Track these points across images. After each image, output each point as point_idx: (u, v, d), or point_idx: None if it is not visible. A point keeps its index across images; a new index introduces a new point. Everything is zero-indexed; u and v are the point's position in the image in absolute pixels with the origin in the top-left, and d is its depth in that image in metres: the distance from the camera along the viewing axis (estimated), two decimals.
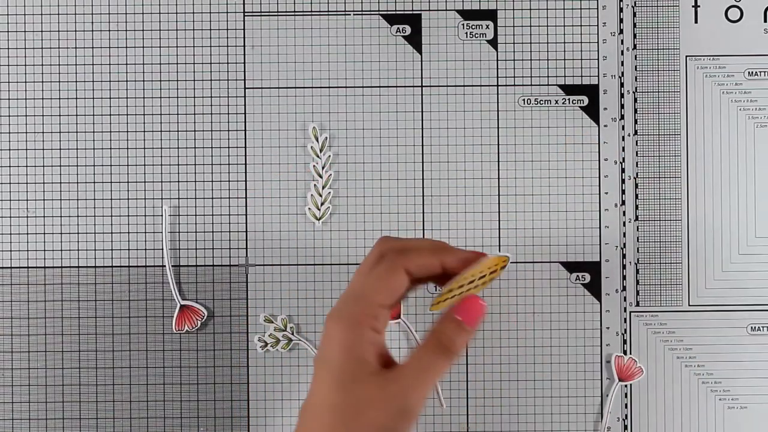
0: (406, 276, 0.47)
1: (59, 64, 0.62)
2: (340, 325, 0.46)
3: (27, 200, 0.61)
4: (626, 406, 0.61)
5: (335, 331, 0.46)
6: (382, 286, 0.47)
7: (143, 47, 0.62)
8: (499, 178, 0.61)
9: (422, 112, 0.62)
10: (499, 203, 0.61)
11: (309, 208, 0.61)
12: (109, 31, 0.62)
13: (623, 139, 0.62)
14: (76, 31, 0.62)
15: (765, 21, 0.62)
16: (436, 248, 0.49)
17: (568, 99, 0.62)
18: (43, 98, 0.62)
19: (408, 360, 0.47)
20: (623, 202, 0.62)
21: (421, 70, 0.62)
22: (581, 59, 0.62)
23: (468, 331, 0.47)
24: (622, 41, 0.62)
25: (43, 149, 0.62)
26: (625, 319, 0.61)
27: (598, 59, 0.62)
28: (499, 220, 0.61)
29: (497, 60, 0.62)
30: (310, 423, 0.47)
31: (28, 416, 0.61)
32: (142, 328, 0.61)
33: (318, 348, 0.48)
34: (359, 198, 0.62)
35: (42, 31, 0.62)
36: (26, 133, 0.62)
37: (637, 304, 0.61)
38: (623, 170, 0.62)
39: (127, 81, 0.62)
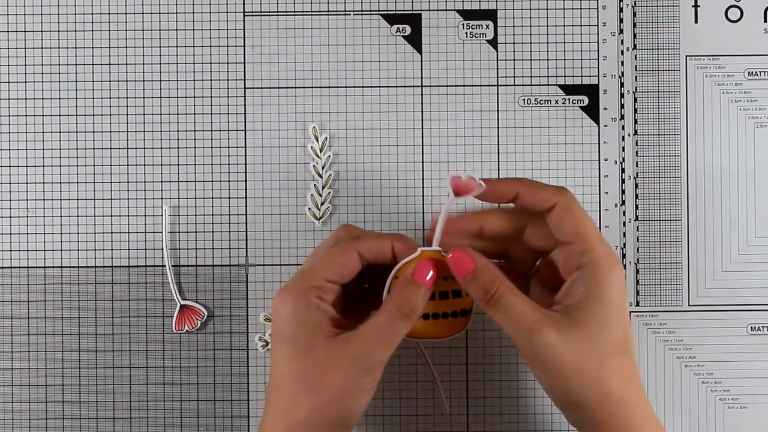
0: (358, 257, 0.49)
1: (59, 64, 0.62)
2: (286, 298, 0.48)
3: (27, 200, 0.61)
4: None
5: (282, 305, 0.48)
6: (331, 263, 0.49)
7: (143, 47, 0.62)
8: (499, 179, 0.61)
9: (422, 112, 0.62)
10: (498, 203, 0.61)
11: (309, 208, 0.61)
12: (109, 31, 0.62)
13: (623, 139, 0.62)
14: (76, 31, 0.62)
15: (765, 21, 0.62)
16: (388, 234, 0.51)
17: (568, 99, 0.62)
18: (43, 98, 0.62)
19: (369, 322, 0.48)
20: (623, 202, 0.62)
21: (421, 70, 0.62)
22: (581, 59, 0.62)
23: (424, 291, 0.48)
24: (622, 41, 0.62)
25: (43, 149, 0.62)
26: None
27: (598, 59, 0.62)
28: None
29: (497, 60, 0.62)
30: (274, 397, 0.48)
31: (28, 416, 0.61)
32: (142, 328, 0.61)
33: (272, 325, 0.49)
34: (359, 198, 0.62)
35: (42, 31, 0.62)
36: (26, 133, 0.62)
37: (637, 304, 0.61)
38: (623, 170, 0.62)
39: (127, 81, 0.62)
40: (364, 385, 0.47)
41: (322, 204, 0.61)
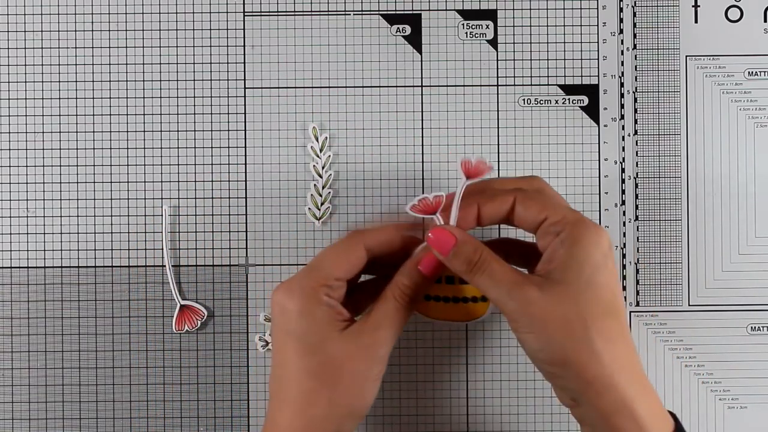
0: (365, 253, 0.49)
1: (59, 64, 0.62)
2: (293, 296, 0.48)
3: (27, 200, 0.61)
4: None
5: (289, 303, 0.48)
6: (340, 260, 0.49)
7: (143, 47, 0.62)
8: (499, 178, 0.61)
9: (422, 112, 0.62)
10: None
11: (309, 208, 0.61)
12: (109, 31, 0.62)
13: (623, 139, 0.62)
14: (76, 31, 0.62)
15: (765, 21, 0.62)
16: (394, 225, 0.51)
17: (568, 99, 0.62)
18: (43, 98, 0.62)
19: (375, 312, 0.49)
20: (623, 202, 0.62)
21: (421, 70, 0.62)
22: (581, 59, 0.62)
23: (427, 281, 0.49)
24: (622, 41, 0.62)
25: (43, 149, 0.62)
26: None
27: (598, 59, 0.62)
28: None
29: (497, 60, 0.62)
30: (286, 393, 0.48)
31: (28, 416, 0.61)
32: (142, 328, 0.61)
33: (272, 322, 0.49)
34: (359, 198, 0.62)
35: (42, 31, 0.62)
36: (26, 133, 0.62)
37: (637, 304, 0.61)
38: (623, 170, 0.62)
39: (127, 81, 0.62)
40: (376, 374, 0.49)
41: (322, 204, 0.61)
